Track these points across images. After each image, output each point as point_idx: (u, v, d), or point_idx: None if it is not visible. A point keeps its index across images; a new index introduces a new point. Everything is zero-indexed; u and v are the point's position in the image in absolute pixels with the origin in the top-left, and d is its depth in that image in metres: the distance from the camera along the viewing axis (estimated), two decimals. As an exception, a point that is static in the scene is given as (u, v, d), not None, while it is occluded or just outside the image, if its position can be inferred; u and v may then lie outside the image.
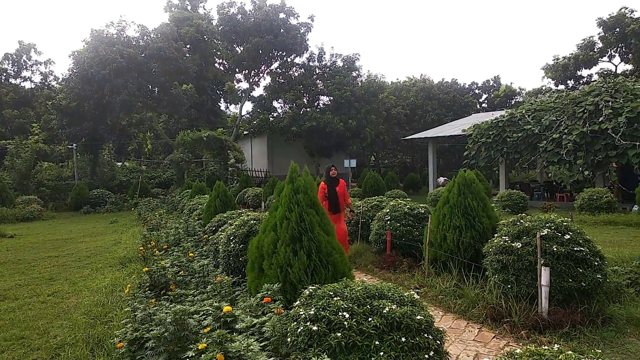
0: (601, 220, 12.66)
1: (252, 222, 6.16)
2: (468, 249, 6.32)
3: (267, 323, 3.49)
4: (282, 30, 33.78)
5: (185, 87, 30.90)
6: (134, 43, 29.12)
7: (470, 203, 6.47)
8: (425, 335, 3.05)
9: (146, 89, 30.08)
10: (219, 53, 36.18)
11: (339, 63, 35.85)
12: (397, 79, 48.90)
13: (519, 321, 4.78)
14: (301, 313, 3.20)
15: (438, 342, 3.08)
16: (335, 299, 3.22)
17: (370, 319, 3.03)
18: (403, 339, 2.94)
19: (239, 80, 38.25)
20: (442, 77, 63.72)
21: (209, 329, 3.46)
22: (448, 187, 7.01)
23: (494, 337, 4.77)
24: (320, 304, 3.20)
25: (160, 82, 29.93)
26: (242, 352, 2.88)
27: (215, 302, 4.54)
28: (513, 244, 5.15)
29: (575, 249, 4.91)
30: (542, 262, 4.75)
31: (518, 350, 1.82)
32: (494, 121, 19.96)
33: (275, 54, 35.06)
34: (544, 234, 5.00)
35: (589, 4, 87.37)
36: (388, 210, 8.35)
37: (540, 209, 15.62)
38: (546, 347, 1.82)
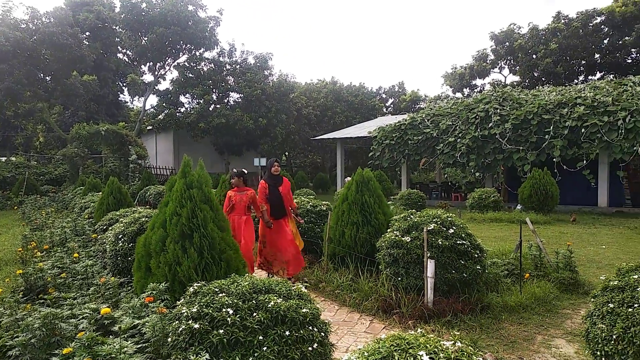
0: (489, 218, 13.74)
1: (143, 219, 5.83)
2: (365, 244, 6.51)
3: (148, 324, 3.30)
4: (190, 22, 32.61)
5: (85, 78, 28.66)
6: (22, 26, 26.44)
7: (367, 200, 6.68)
8: (310, 328, 3.05)
9: (36, 77, 27.47)
10: (122, 42, 34.07)
11: (251, 60, 35.44)
12: (311, 80, 49.52)
13: (407, 312, 5.00)
14: (183, 311, 3.07)
15: (323, 334, 3.10)
16: (220, 295, 3.12)
17: (255, 314, 2.98)
18: (287, 333, 2.92)
19: (143, 72, 36.33)
20: (351, 81, 65.68)
21: (82, 333, 3.20)
22: (347, 185, 7.18)
23: (383, 328, 4.94)
24: (204, 301, 3.08)
25: (53, 70, 27.50)
26: (113, 355, 2.68)
27: (97, 304, 4.22)
28: (403, 238, 5.38)
29: (458, 242, 5.24)
30: (428, 255, 5.00)
31: (383, 336, 1.86)
32: (397, 124, 20.92)
33: (183, 46, 33.76)
34: (430, 228, 5.29)
35: (485, 18, 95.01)
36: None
37: (437, 208, 16.63)
38: (411, 333, 1.89)
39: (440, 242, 5.17)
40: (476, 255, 5.36)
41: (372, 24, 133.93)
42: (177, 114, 33.51)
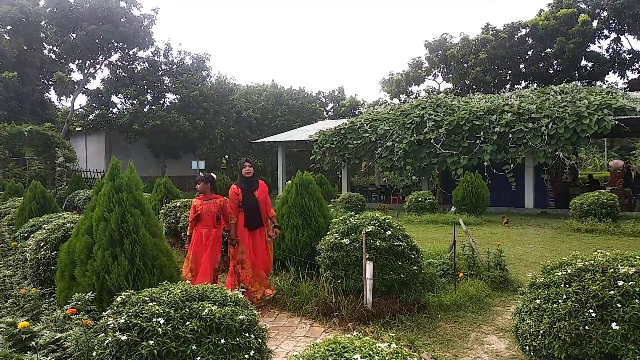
0: (425, 220, 14.17)
1: (68, 225, 5.45)
2: (305, 248, 6.47)
3: (70, 337, 3.06)
4: (123, 19, 31.24)
5: (6, 75, 26.62)
6: None
7: (307, 203, 6.65)
8: (247, 334, 2.96)
9: (-52, 72, 25.23)
10: (47, 38, 32.03)
11: (188, 61, 34.51)
12: (252, 82, 48.96)
13: (347, 314, 5.00)
14: (110, 323, 2.87)
15: (260, 340, 3.02)
16: (150, 304, 2.95)
17: (188, 323, 2.84)
18: (222, 341, 2.81)
19: (71, 70, 34.35)
20: (292, 85, 65.75)
21: (-6, 350, 2.91)
22: (287, 188, 7.12)
23: (323, 331, 4.91)
24: (132, 310, 2.90)
25: (-31, 65, 25.37)
26: (29, 374, 2.45)
27: (15, 318, 3.87)
28: (342, 241, 5.39)
29: (395, 243, 5.32)
30: (367, 256, 5.04)
31: (319, 340, 1.82)
32: (337, 128, 21.16)
33: (115, 44, 32.26)
34: (369, 230, 5.33)
35: (420, 26, 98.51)
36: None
37: (376, 210, 16.94)
38: (347, 336, 1.86)
39: (378, 244, 5.23)
40: (413, 256, 5.47)
41: (313, 28, 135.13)
42: (109, 114, 31.96)
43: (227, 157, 41.21)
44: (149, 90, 33.16)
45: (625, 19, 30.64)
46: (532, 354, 3.57)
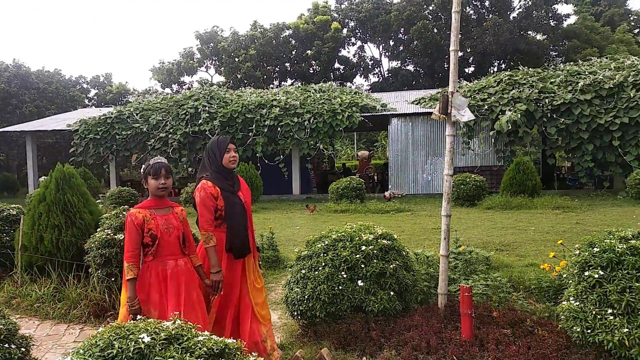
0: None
1: None
2: (70, 248, 5.87)
3: None
4: None
5: None
6: None
7: (70, 199, 6.03)
8: (7, 345, 2.64)
9: None
10: None
11: None
12: (-17, 60, 40.48)
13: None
14: None
15: (23, 349, 2.73)
16: None
17: None
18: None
19: None
20: (43, 66, 56.96)
21: None
22: (44, 184, 6.32)
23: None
24: None
25: None
26: None
27: None
28: (116, 236, 5.12)
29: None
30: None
31: (101, 329, 1.80)
32: (103, 117, 19.47)
33: None
34: (145, 223, 5.19)
35: (192, 15, 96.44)
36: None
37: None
38: (130, 322, 1.88)
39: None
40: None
41: (73, 4, 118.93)
42: None
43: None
44: None
45: (367, 30, 36.08)
46: (299, 317, 4.10)
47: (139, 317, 2.61)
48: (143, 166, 3.26)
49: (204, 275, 3.29)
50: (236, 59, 35.74)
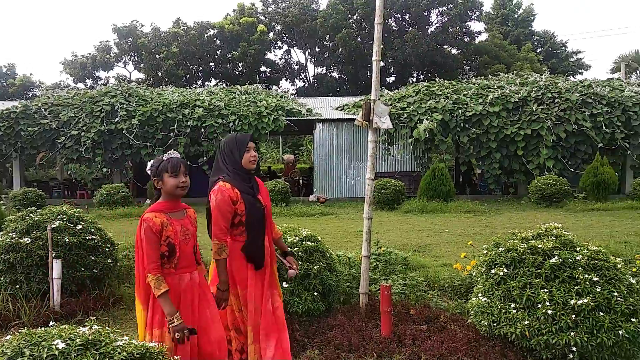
0: (119, 214, 13.56)
1: None
2: (-34, 254, 5.36)
3: None
4: None
5: None
6: None
7: (-32, 199, 5.51)
8: None
9: None
10: None
11: None
12: None
13: (29, 320, 4.47)
14: None
15: None
16: None
17: None
18: None
19: None
20: None
21: None
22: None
23: (-2, 346, 4.25)
24: None
25: None
26: None
27: None
28: (22, 240, 4.76)
29: (87, 237, 5.04)
30: (53, 255, 4.60)
31: (9, 337, 1.68)
32: (6, 112, 17.88)
33: None
34: (55, 226, 4.88)
35: (109, 7, 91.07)
36: None
37: (62, 206, 15.16)
38: (42, 329, 1.77)
39: (67, 240, 4.84)
40: (107, 250, 5.29)
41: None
42: None
43: None
44: None
45: (294, 35, 36.30)
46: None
47: (186, 331, 2.49)
48: (152, 163, 2.78)
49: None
50: (157, 56, 34.35)
